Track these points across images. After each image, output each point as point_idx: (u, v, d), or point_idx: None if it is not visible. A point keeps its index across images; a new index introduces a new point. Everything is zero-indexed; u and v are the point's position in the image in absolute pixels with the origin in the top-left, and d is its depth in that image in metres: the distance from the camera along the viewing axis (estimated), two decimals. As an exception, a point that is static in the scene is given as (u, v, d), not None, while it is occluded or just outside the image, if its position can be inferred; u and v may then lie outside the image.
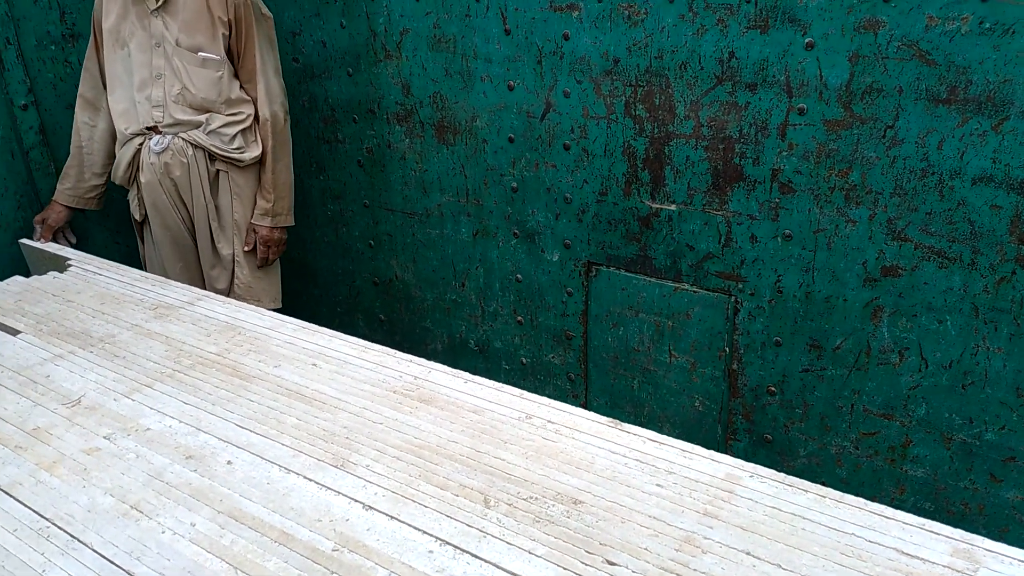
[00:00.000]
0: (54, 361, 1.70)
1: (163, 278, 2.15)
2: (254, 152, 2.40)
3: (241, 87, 2.38)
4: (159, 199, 2.37)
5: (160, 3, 2.25)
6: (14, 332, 1.84)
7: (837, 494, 1.21)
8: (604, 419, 1.43)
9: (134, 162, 2.37)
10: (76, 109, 2.47)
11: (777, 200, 1.92)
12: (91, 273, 2.17)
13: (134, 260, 2.57)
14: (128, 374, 1.64)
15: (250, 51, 2.35)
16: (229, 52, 2.34)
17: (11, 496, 1.29)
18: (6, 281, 2.14)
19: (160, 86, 2.30)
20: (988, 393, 1.81)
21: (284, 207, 2.49)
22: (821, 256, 1.91)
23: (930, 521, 1.15)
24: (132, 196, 2.44)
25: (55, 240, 2.47)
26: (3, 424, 1.48)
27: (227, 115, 2.35)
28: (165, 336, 1.80)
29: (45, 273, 2.21)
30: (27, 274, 2.27)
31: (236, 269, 2.50)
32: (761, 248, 1.98)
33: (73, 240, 2.52)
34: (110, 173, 2.50)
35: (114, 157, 2.46)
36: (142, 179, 2.37)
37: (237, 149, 2.37)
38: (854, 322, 1.93)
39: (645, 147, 2.06)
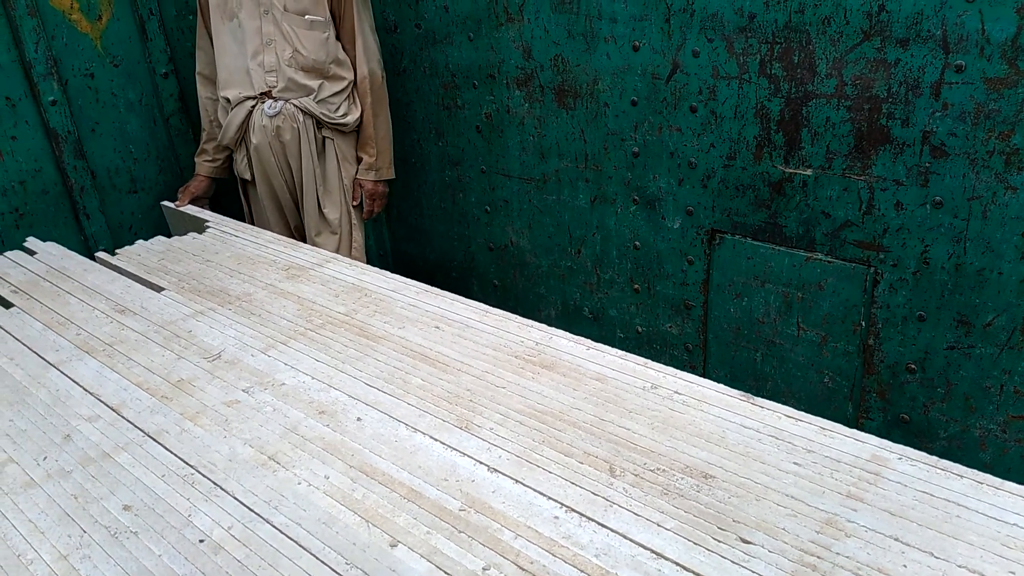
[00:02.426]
0: (195, 317, 1.79)
1: (294, 241, 2.22)
2: (355, 115, 2.51)
3: (342, 48, 2.47)
4: (268, 161, 2.48)
5: None
6: (158, 289, 1.95)
7: (996, 480, 1.12)
8: (735, 392, 1.38)
9: (245, 124, 2.47)
10: (198, 87, 2.60)
11: (928, 164, 1.78)
12: (227, 235, 2.27)
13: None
14: (264, 331, 1.71)
15: (349, 10, 2.43)
16: (331, 13, 2.42)
17: (159, 443, 1.37)
18: (150, 241, 2.27)
19: (272, 52, 2.38)
20: None
21: (386, 161, 2.59)
22: (975, 225, 1.76)
23: (1108, 517, 1.04)
24: (240, 157, 2.55)
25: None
26: (150, 375, 1.57)
27: (335, 82, 2.45)
28: (297, 296, 1.86)
29: (185, 234, 2.33)
30: (168, 236, 2.40)
31: (354, 232, 2.58)
32: (907, 216, 1.85)
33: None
34: None
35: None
36: (253, 140, 2.47)
37: (342, 115, 2.48)
38: (1009, 297, 1.78)
39: (780, 108, 1.95)
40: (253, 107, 2.44)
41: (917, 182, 1.81)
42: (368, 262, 2.72)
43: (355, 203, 2.59)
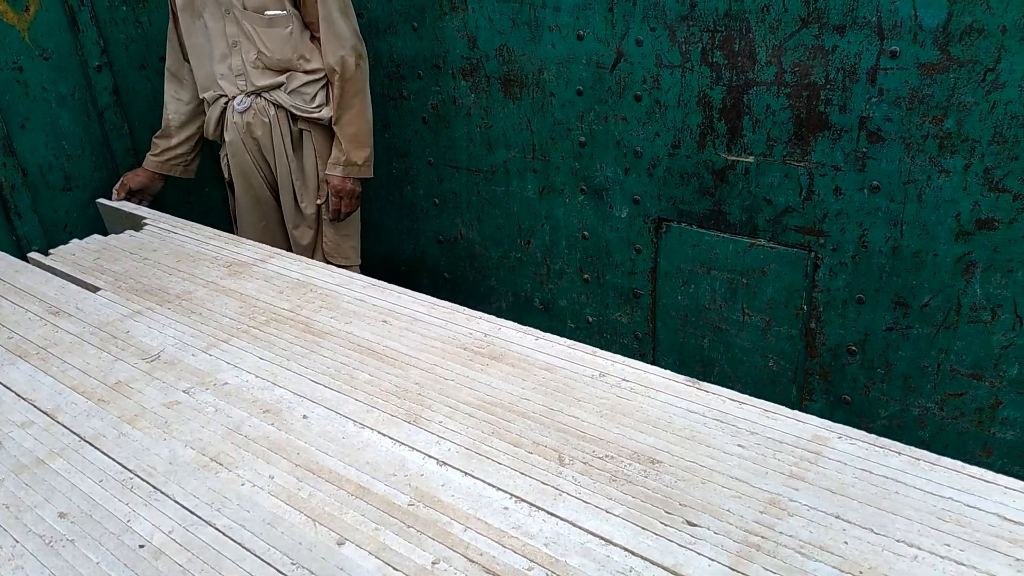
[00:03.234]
0: (133, 317, 1.74)
1: (236, 236, 2.17)
2: (332, 106, 2.36)
3: (313, 38, 2.33)
4: (242, 158, 2.41)
5: None
6: (94, 289, 1.88)
7: (932, 456, 1.15)
8: (681, 377, 1.39)
9: (221, 121, 2.41)
10: (165, 82, 2.53)
11: (864, 150, 1.82)
12: (166, 231, 2.21)
13: (206, 220, 2.61)
14: (205, 330, 1.67)
15: None
16: (296, 4, 2.29)
17: (95, 447, 1.33)
18: (85, 240, 2.19)
19: (238, 54, 2.30)
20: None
21: (357, 157, 2.37)
22: (911, 209, 1.81)
23: (1036, 487, 1.08)
24: (223, 154, 2.49)
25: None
26: (86, 378, 1.52)
27: (307, 72, 2.33)
28: (239, 293, 1.82)
29: (122, 232, 2.26)
30: (104, 233, 2.33)
31: (324, 228, 2.50)
32: (845, 201, 1.89)
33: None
34: (197, 142, 2.57)
35: (201, 128, 2.53)
36: (226, 138, 2.41)
37: (317, 108, 2.35)
38: (944, 278, 1.83)
39: (722, 96, 1.97)
40: (226, 104, 2.38)
41: (855, 167, 1.85)
42: (363, 258, 2.63)
43: (319, 201, 2.44)
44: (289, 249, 2.48)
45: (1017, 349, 1.80)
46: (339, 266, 2.43)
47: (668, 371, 1.42)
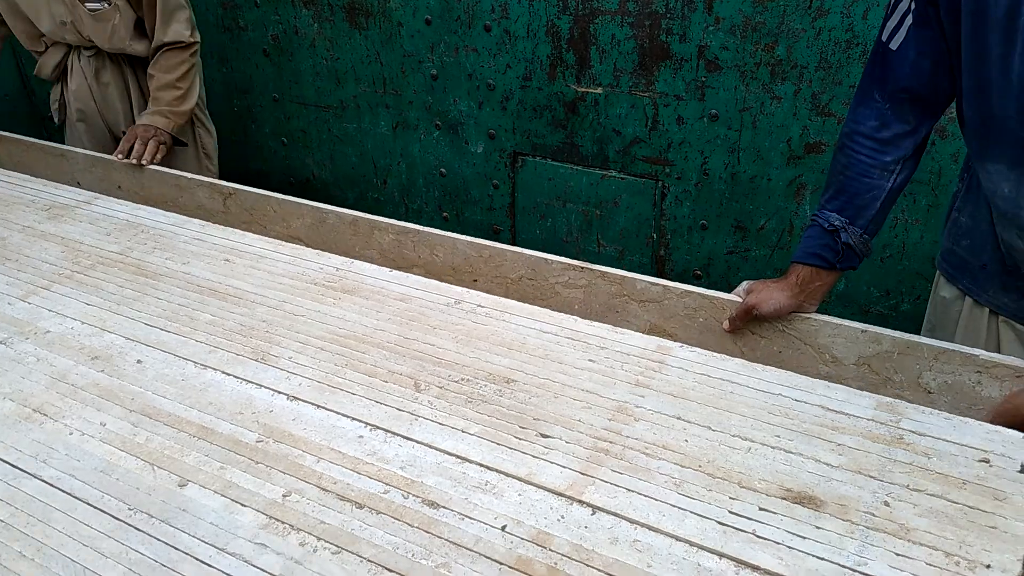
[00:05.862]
0: (-64, 267, 1.55)
1: (53, 182, 1.97)
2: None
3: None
4: (87, 103, 2.20)
5: None
6: None
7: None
8: (534, 300, 1.41)
9: (60, 65, 2.19)
10: None
11: (704, 79, 1.88)
12: (-28, 175, 1.98)
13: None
14: (22, 277, 1.52)
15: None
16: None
17: None
18: None
19: (72, 31, 2.08)
20: (905, 265, 1.86)
21: (164, 113, 2.13)
22: (747, 135, 1.90)
23: (854, 379, 1.17)
24: (54, 99, 2.26)
25: None
26: None
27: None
28: (61, 237, 1.66)
29: (-81, 177, 2.01)
30: (-101, 180, 2.06)
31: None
32: (688, 130, 1.95)
33: None
34: None
35: None
36: (71, 85, 2.20)
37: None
38: (778, 201, 1.94)
39: (569, 26, 1.97)
40: (69, 51, 2.19)
41: (695, 96, 1.91)
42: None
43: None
44: None
45: (842, 266, 1.94)
46: None
47: (521, 295, 1.43)
